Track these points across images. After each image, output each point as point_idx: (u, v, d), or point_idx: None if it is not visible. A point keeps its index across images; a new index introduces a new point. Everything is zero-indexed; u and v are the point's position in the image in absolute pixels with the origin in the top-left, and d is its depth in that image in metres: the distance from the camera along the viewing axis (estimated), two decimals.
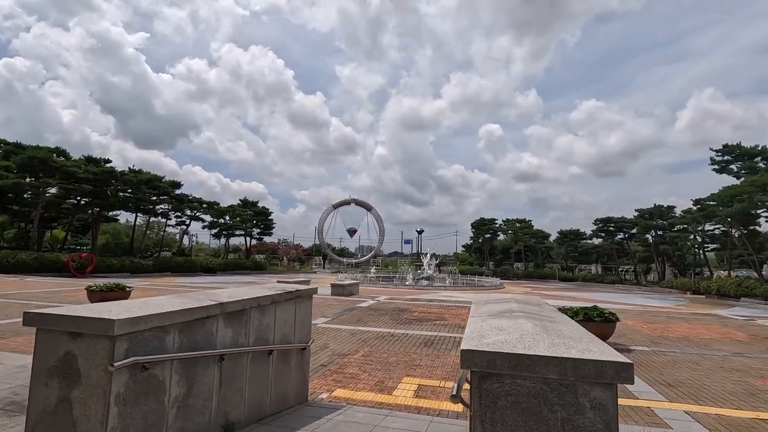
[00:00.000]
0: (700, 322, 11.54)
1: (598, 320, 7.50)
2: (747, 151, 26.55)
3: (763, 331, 10.18)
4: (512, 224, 61.11)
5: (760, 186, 21.01)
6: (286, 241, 73.93)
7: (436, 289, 31.81)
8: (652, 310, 15.32)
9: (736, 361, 6.85)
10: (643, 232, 44.48)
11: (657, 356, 7.10)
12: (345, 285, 16.16)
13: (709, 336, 9.23)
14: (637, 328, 10.15)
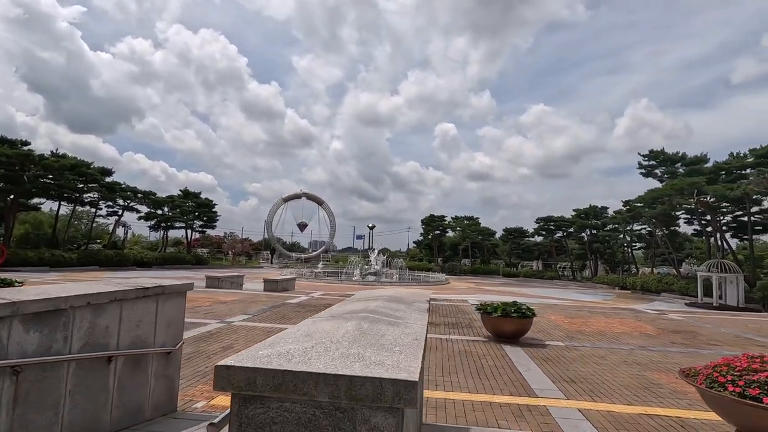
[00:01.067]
0: (618, 316, 12.09)
1: (515, 316, 7.51)
2: (669, 157, 28.60)
3: (671, 324, 10.80)
4: (461, 221, 62.44)
5: (678, 189, 22.64)
6: (233, 235, 71.03)
7: (381, 285, 31.71)
8: (579, 305, 15.99)
9: (640, 355, 7.08)
10: (579, 231, 46.99)
11: (569, 351, 7.20)
12: (278, 280, 15.49)
13: (621, 330, 9.61)
14: (558, 323, 10.41)
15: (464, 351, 6.95)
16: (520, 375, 5.62)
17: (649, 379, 5.61)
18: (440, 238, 67.70)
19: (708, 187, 22.54)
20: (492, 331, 7.92)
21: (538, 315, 11.81)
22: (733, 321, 12.01)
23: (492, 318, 7.70)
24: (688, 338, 8.80)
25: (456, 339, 7.92)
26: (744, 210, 26.28)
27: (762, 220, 28.17)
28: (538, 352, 6.99)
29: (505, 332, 7.71)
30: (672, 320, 11.61)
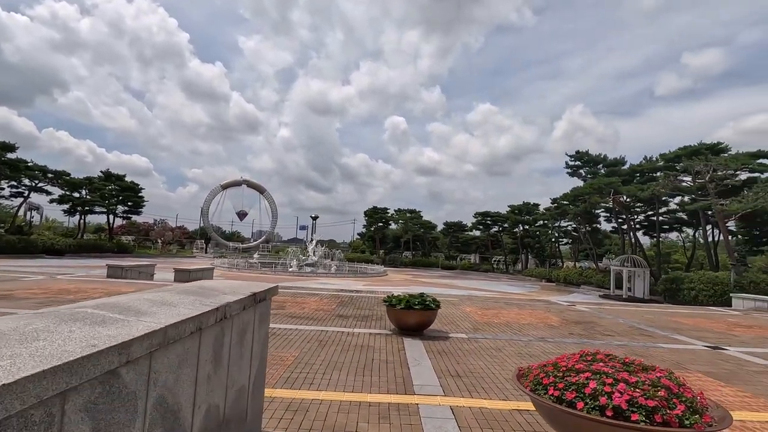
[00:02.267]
0: (530, 308, 12.45)
1: (418, 308, 7.30)
2: (592, 159, 30.44)
3: (576, 315, 11.25)
4: (403, 214, 63.01)
5: (596, 188, 24.10)
6: (163, 222, 66.48)
7: (316, 276, 31.04)
8: (499, 297, 16.43)
9: (535, 347, 7.14)
10: (513, 226, 49.09)
11: (468, 344, 7.11)
12: (191, 270, 14.37)
13: (528, 321, 9.81)
14: (471, 314, 10.46)
15: (362, 345, 6.62)
16: (407, 371, 5.36)
17: None
18: (383, 231, 68.01)
19: (623, 188, 24.19)
20: (396, 324, 7.67)
21: (455, 306, 11.89)
22: (633, 312, 12.80)
23: (396, 310, 7.44)
24: (587, 329, 9.13)
25: (360, 332, 7.59)
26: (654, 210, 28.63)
27: (668, 219, 30.90)
28: (436, 345, 6.82)
29: (408, 325, 7.49)
30: (578, 311, 12.14)
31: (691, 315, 12.56)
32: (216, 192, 76.43)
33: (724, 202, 19.27)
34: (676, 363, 6.44)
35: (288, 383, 4.65)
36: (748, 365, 6.53)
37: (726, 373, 5.95)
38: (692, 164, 20.62)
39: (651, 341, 8.11)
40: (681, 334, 9.01)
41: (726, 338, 8.80)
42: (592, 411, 1.98)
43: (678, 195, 25.87)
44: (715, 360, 6.76)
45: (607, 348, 7.30)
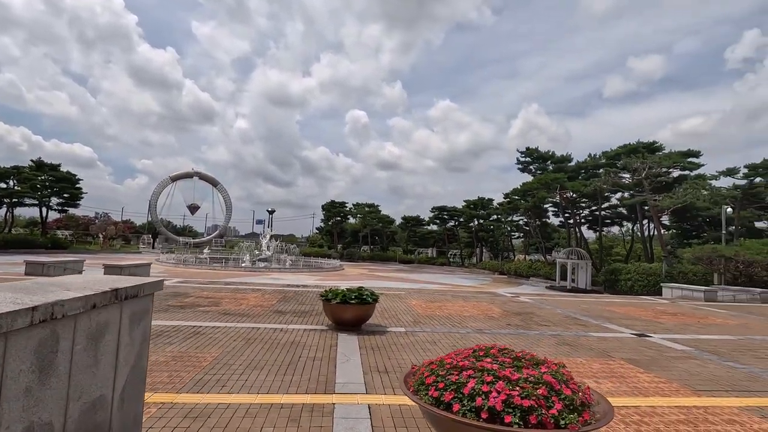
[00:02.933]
0: (476, 300, 12.60)
1: (354, 303, 7.07)
2: (542, 155, 31.52)
3: (517, 307, 11.49)
4: (362, 208, 62.68)
5: (544, 183, 24.95)
6: (106, 215, 62.27)
7: (269, 272, 30.21)
8: (449, 290, 16.60)
9: (472, 339, 7.13)
10: (469, 220, 50.12)
11: (405, 338, 6.97)
12: (123, 266, 13.39)
13: (470, 313, 9.86)
14: (415, 307, 10.40)
15: (293, 342, 6.30)
16: (333, 368, 5.12)
17: None
18: (341, 225, 67.49)
19: (568, 183, 25.19)
20: (332, 319, 7.41)
21: (401, 300, 11.80)
22: (571, 302, 13.27)
23: (331, 305, 7.17)
24: (525, 320, 9.29)
25: (294, 329, 7.26)
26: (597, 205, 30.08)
27: (610, 214, 32.61)
28: (372, 340, 6.63)
29: (344, 320, 7.25)
30: (521, 303, 12.41)
31: (624, 304, 13.21)
32: (165, 184, 72.69)
33: (658, 197, 20.49)
34: (603, 351, 6.63)
35: (197, 387, 4.27)
36: (668, 351, 6.83)
37: (647, 360, 6.17)
38: (630, 162, 21.76)
39: (583, 330, 8.35)
40: (612, 323, 9.37)
41: (652, 326, 9.25)
42: (469, 413, 1.81)
43: (618, 191, 27.29)
44: (639, 347, 7.03)
45: (540, 338, 7.44)
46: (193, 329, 6.82)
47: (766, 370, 5.91)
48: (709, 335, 8.43)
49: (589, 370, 5.53)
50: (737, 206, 23.20)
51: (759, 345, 7.68)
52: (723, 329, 9.25)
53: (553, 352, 6.44)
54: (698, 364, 6.07)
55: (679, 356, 6.50)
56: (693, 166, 24.25)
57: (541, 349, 6.61)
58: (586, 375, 5.29)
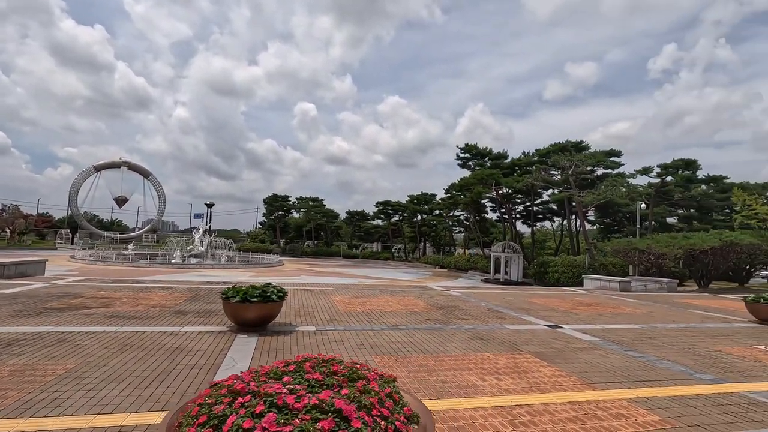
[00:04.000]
0: (404, 294, 12.37)
1: (255, 301, 6.43)
2: (480, 152, 32.28)
3: (443, 300, 11.38)
4: (306, 202, 61.25)
5: (479, 179, 25.51)
6: (15, 208, 55.64)
7: (200, 268, 28.47)
8: (380, 284, 16.31)
9: (383, 336, 6.76)
10: (412, 215, 50.57)
11: (312, 337, 6.46)
12: (7, 264, 11.66)
13: (393, 309, 9.55)
14: (337, 303, 9.92)
15: (178, 347, 5.56)
16: (212, 377, 4.49)
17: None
18: (284, 219, 65.62)
19: (503, 179, 25.92)
20: (233, 319, 6.72)
21: (326, 296, 11.26)
22: (498, 294, 13.45)
23: (231, 304, 6.48)
24: (446, 314, 9.13)
25: (188, 331, 6.49)
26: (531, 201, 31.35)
27: (542, 210, 34.17)
28: (273, 342, 6.05)
29: (246, 320, 6.59)
30: (448, 296, 12.35)
31: (546, 295, 13.61)
32: (88, 174, 66.66)
33: (582, 193, 21.58)
34: (513, 344, 6.53)
35: (20, 410, 3.47)
36: (575, 342, 6.88)
37: (553, 353, 6.12)
38: (559, 159, 22.72)
39: (500, 323, 8.31)
40: (530, 315, 9.47)
41: (567, 317, 9.46)
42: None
43: (550, 187, 28.57)
44: (550, 339, 7.04)
45: (455, 333, 7.23)
46: (60, 336, 5.85)
47: (660, 358, 6.07)
48: (617, 324, 8.73)
49: (494, 365, 5.34)
50: (651, 203, 25.07)
51: (659, 333, 8.03)
52: (630, 318, 9.66)
53: (464, 347, 6.23)
54: (600, 354, 6.13)
55: (585, 347, 6.56)
56: (615, 165, 25.88)
57: (453, 344, 6.39)
58: (490, 371, 5.09)
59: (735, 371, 5.55)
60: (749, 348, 7.00)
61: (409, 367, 5.13)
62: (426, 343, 6.39)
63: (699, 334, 8.09)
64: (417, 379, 4.69)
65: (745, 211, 26.76)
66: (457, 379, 4.76)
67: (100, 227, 77.25)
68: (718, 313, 11.11)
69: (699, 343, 7.19)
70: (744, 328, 8.91)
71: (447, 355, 5.74)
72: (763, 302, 9.48)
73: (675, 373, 5.36)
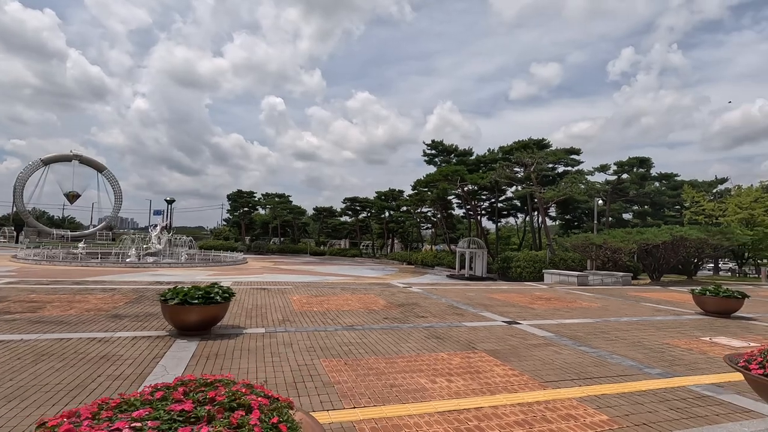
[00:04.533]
0: (365, 291, 12.11)
1: (197, 303, 5.98)
2: (446, 148, 32.43)
3: (404, 297, 11.20)
4: (272, 199, 59.82)
5: (444, 175, 25.59)
6: None
7: (157, 267, 27.13)
8: (346, 282, 16.00)
9: (337, 337, 6.46)
10: (380, 212, 50.37)
11: (259, 340, 6.07)
12: None
13: (351, 307, 9.27)
14: (293, 303, 9.53)
15: (104, 356, 5.05)
16: (121, 391, 4.05)
17: (304, 372, 4.79)
18: (249, 216, 63.96)
19: (468, 176, 26.12)
20: (173, 323, 6.23)
21: (282, 295, 10.83)
22: (460, 290, 13.43)
23: (169, 307, 6.00)
24: (405, 312, 8.93)
25: (121, 337, 5.95)
26: (496, 198, 31.83)
27: (507, 206, 34.78)
28: (215, 347, 5.62)
29: (187, 323, 6.12)
30: (410, 293, 12.19)
31: (507, 291, 13.72)
32: (35, 168, 62.59)
33: (543, 189, 22.01)
34: (469, 343, 6.39)
35: None
36: (530, 339, 6.83)
37: (508, 350, 6.02)
38: (521, 155, 23.07)
39: (458, 320, 8.19)
40: (489, 311, 9.43)
41: (525, 312, 9.48)
42: None
43: (513, 184, 29.07)
44: (506, 336, 6.96)
45: (412, 332, 7.02)
46: None
47: (612, 353, 6.09)
48: (573, 319, 8.81)
49: (447, 366, 5.16)
50: (608, 199, 25.97)
51: (612, 327, 8.14)
52: (586, 313, 9.81)
53: (419, 347, 6.03)
54: (554, 351, 6.08)
55: (540, 344, 6.51)
56: (574, 163, 26.60)
57: (408, 344, 6.18)
58: (443, 372, 4.89)
59: (681, 364, 5.62)
60: (695, 340, 7.19)
61: (358, 370, 4.86)
62: (380, 344, 6.14)
63: (649, 327, 8.27)
64: (364, 384, 4.42)
65: (693, 207, 28.22)
66: (407, 382, 4.53)
67: (51, 225, 72.68)
68: (668, 306, 11.51)
69: (649, 337, 7.32)
70: (691, 320, 9.22)
71: (400, 356, 5.51)
72: (708, 295, 9.84)
73: (625, 368, 5.35)
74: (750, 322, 9.23)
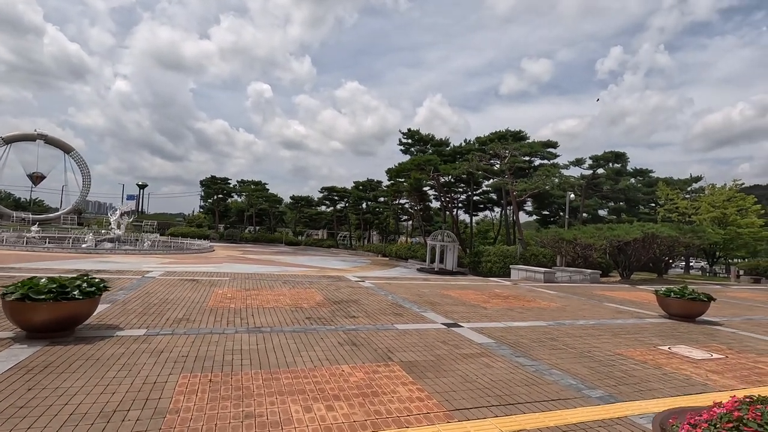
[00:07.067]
0: (309, 286, 11.04)
1: (44, 298, 4.79)
2: (422, 138, 31.38)
3: (348, 293, 10.16)
4: (247, 186, 58.04)
5: (417, 165, 24.56)
6: None
7: (111, 254, 25.57)
8: (302, 273, 14.88)
9: (228, 342, 5.37)
10: (358, 202, 49.22)
11: (128, 346, 4.94)
12: None
13: (277, 304, 8.17)
14: (215, 297, 8.38)
15: None
16: None
17: (143, 394, 3.69)
18: (224, 203, 62.10)
19: (442, 166, 25.15)
20: (16, 323, 5.02)
21: (208, 288, 9.64)
22: (416, 286, 12.46)
23: (9, 303, 4.80)
24: (337, 311, 7.89)
25: None
26: (472, 190, 30.98)
27: (483, 199, 34.02)
28: (55, 354, 4.46)
29: (35, 323, 4.93)
30: (359, 288, 11.15)
31: (466, 287, 12.81)
32: None
33: (515, 182, 21.18)
34: (387, 351, 5.38)
35: None
36: (464, 347, 5.85)
37: (428, 362, 5.02)
38: (496, 147, 22.17)
39: (393, 321, 7.18)
40: (434, 310, 8.45)
41: (474, 312, 8.53)
42: None
43: (489, 177, 28.23)
44: (437, 343, 5.97)
45: (328, 335, 5.82)
46: None
47: (552, 366, 5.15)
48: (524, 322, 7.89)
49: (341, 385, 4.12)
50: (582, 194, 25.35)
51: (564, 332, 7.25)
52: (541, 314, 8.92)
53: (323, 357, 4.98)
54: (485, 364, 5.10)
55: (472, 353, 5.53)
56: (551, 156, 25.87)
57: (313, 353, 5.12)
58: (330, 394, 3.85)
59: (630, 383, 4.70)
60: (652, 350, 6.32)
61: (218, 391, 3.78)
62: (277, 352, 5.07)
63: (606, 332, 7.40)
64: (212, 413, 3.35)
65: (667, 204, 27.87)
66: (273, 410, 3.47)
67: (16, 207, 69.32)
68: (631, 307, 10.74)
69: (602, 345, 6.43)
70: (653, 325, 8.41)
71: (290, 370, 4.45)
72: (673, 296, 9.06)
73: (562, 388, 4.40)
74: (715, 328, 8.47)
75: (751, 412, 1.81)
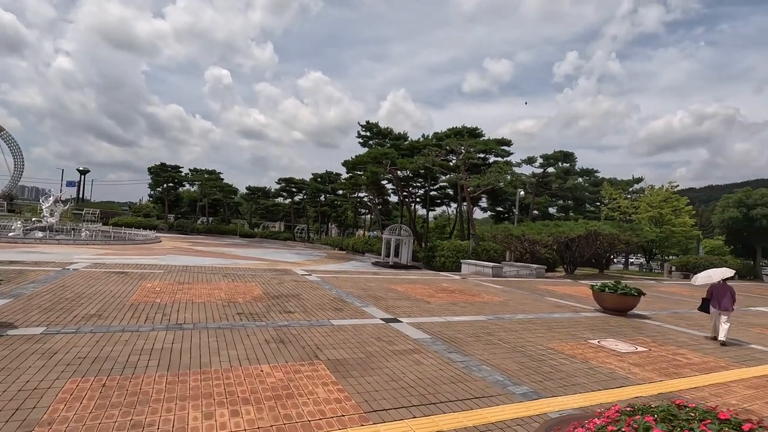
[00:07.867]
0: (251, 279, 10.56)
1: None
2: (381, 131, 31.17)
3: (290, 288, 9.80)
4: (201, 175, 55.52)
5: (373, 158, 24.35)
6: None
7: (39, 244, 23.56)
8: (248, 266, 14.27)
9: (140, 341, 4.91)
10: (316, 195, 48.38)
11: (11, 347, 4.37)
12: None
13: (208, 299, 7.69)
14: (137, 292, 7.76)
15: None
16: None
17: (15, 403, 3.22)
18: (175, 192, 59.10)
19: (399, 160, 25.06)
20: None
21: (138, 281, 8.95)
22: (363, 280, 12.27)
23: None
24: (273, 306, 7.53)
25: None
26: (429, 185, 31.20)
27: (439, 194, 34.37)
28: None
29: None
30: (302, 282, 10.80)
31: (413, 281, 12.77)
32: None
33: (469, 177, 21.46)
34: (316, 347, 5.12)
35: None
36: (398, 343, 5.70)
37: (357, 360, 4.81)
38: (451, 143, 22.33)
39: (330, 317, 6.92)
40: (376, 305, 8.28)
41: (416, 307, 8.44)
42: None
43: (445, 172, 28.51)
44: (370, 339, 5.78)
45: (257, 331, 5.38)
46: None
47: (483, 362, 5.09)
48: (464, 316, 7.88)
49: (255, 387, 3.81)
50: (533, 192, 26.15)
51: (502, 326, 7.29)
52: (482, 308, 8.98)
53: (243, 356, 4.64)
54: (415, 361, 4.96)
55: (404, 350, 5.38)
56: (505, 154, 26.45)
57: (234, 351, 4.77)
58: (236, 399, 3.54)
59: (556, 379, 4.72)
60: (582, 344, 6.47)
61: (108, 398, 3.37)
62: (193, 351, 4.68)
63: (542, 326, 7.52)
64: (95, 422, 2.95)
65: (611, 203, 29.37)
66: (168, 417, 3.12)
67: None
68: (570, 301, 11.09)
69: (536, 339, 6.50)
70: (587, 319, 8.68)
71: (201, 371, 4.09)
72: (607, 291, 9.41)
73: (488, 385, 4.33)
74: (643, 321, 8.87)
75: (626, 425, 1.73)
